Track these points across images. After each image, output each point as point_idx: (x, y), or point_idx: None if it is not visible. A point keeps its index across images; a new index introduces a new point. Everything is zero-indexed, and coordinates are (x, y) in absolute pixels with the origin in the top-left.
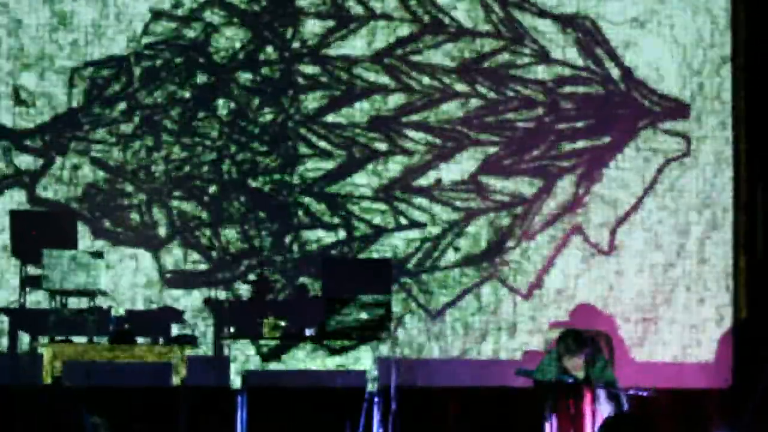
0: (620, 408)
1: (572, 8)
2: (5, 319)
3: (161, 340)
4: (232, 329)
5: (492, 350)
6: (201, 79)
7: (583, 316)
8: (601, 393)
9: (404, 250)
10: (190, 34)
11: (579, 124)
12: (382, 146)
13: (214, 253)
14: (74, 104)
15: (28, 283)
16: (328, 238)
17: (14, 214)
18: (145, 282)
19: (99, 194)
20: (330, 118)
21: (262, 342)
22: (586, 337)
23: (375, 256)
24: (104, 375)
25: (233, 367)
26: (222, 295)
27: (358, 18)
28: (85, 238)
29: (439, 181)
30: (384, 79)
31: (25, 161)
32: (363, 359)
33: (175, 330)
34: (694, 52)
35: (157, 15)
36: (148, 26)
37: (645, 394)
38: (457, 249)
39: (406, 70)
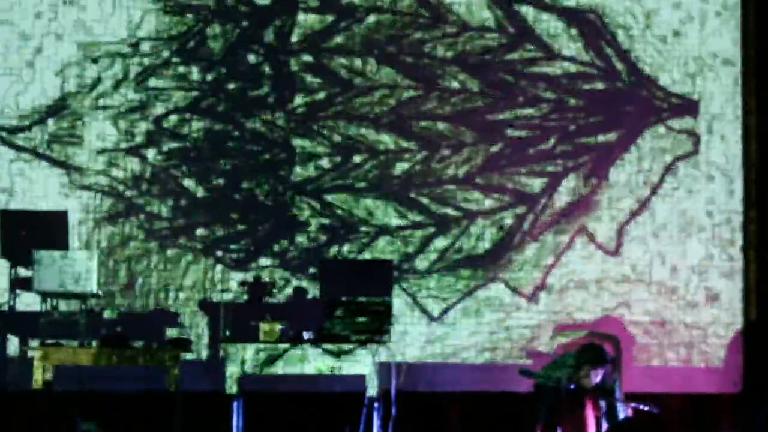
0: (614, 419)
1: (579, 3)
2: None
3: (155, 343)
4: (228, 332)
5: (494, 354)
6: (196, 75)
7: (602, 327)
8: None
9: (405, 250)
10: (185, 28)
11: (585, 122)
12: (383, 144)
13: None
14: (67, 100)
15: (18, 284)
16: (326, 238)
17: (3, 214)
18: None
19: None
20: (328, 115)
21: (259, 345)
22: (609, 356)
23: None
24: (97, 379)
25: (229, 372)
26: (218, 297)
27: (359, 12)
28: (77, 239)
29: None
30: (385, 76)
31: (16, 159)
32: (362, 363)
33: (169, 333)
34: (703, 48)
35: (152, 9)
36: (143, 20)
37: (647, 408)
38: (459, 249)
39: (408, 65)
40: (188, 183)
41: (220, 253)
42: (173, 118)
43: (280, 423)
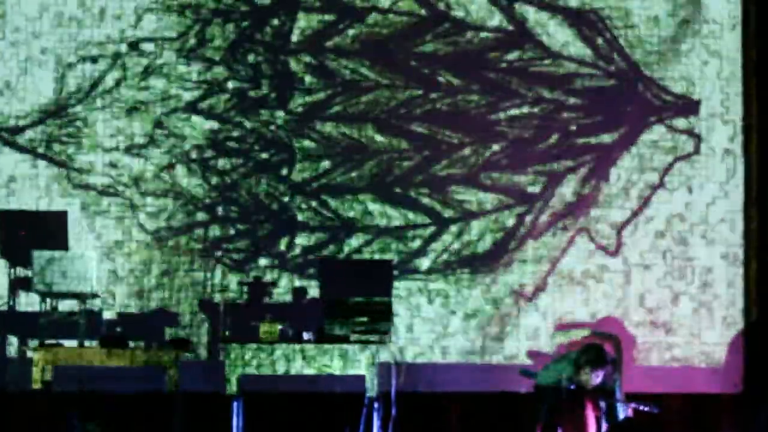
0: (615, 419)
1: (580, 2)
2: None
3: (154, 343)
4: (227, 333)
5: (495, 354)
6: (195, 74)
7: (602, 327)
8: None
9: (405, 250)
10: (184, 27)
11: (585, 121)
12: (383, 144)
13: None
14: (66, 100)
15: (17, 284)
16: (325, 238)
17: (2, 214)
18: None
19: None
20: (328, 114)
21: (259, 346)
22: (610, 357)
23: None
24: (96, 380)
25: (229, 372)
26: (217, 297)
27: (359, 11)
28: (75, 239)
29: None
30: (385, 75)
31: (14, 159)
32: (362, 364)
33: (168, 333)
34: (704, 48)
35: (150, 8)
36: (141, 19)
37: (647, 409)
38: (459, 250)
39: (408, 65)
40: (188, 183)
41: (219, 253)
42: (173, 117)
43: (280, 423)
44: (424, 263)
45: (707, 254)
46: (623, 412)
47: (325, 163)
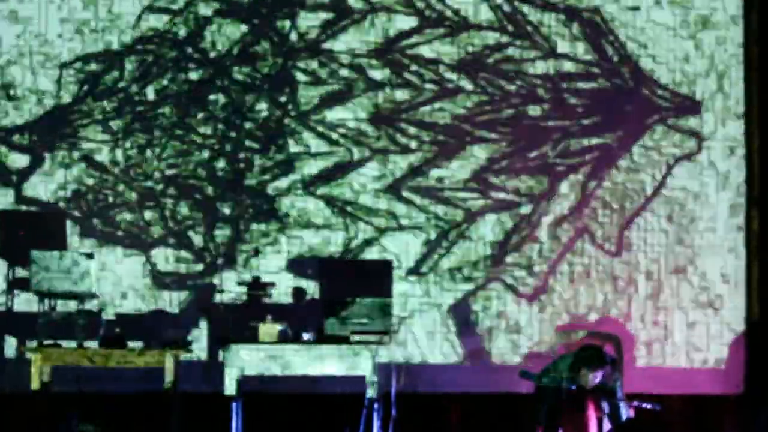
0: (618, 420)
1: (580, 1)
2: None
3: (153, 344)
4: (227, 333)
5: (495, 355)
6: (195, 74)
7: (603, 328)
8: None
9: (406, 250)
10: (184, 27)
11: (586, 121)
12: (383, 144)
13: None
14: (64, 100)
15: (16, 285)
16: (326, 238)
17: (2, 214)
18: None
19: (89, 193)
20: (329, 114)
21: (258, 346)
22: (609, 357)
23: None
24: (95, 380)
25: (228, 373)
26: (216, 297)
27: (358, 11)
28: (74, 239)
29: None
30: (385, 74)
31: (12, 159)
32: (362, 364)
33: (167, 333)
34: (705, 47)
35: (149, 8)
36: (140, 20)
37: (649, 407)
38: (459, 250)
39: (407, 64)
40: (188, 183)
41: (219, 254)
42: (173, 117)
43: (279, 424)
44: (424, 264)
45: (708, 254)
46: (625, 412)
47: (325, 162)
